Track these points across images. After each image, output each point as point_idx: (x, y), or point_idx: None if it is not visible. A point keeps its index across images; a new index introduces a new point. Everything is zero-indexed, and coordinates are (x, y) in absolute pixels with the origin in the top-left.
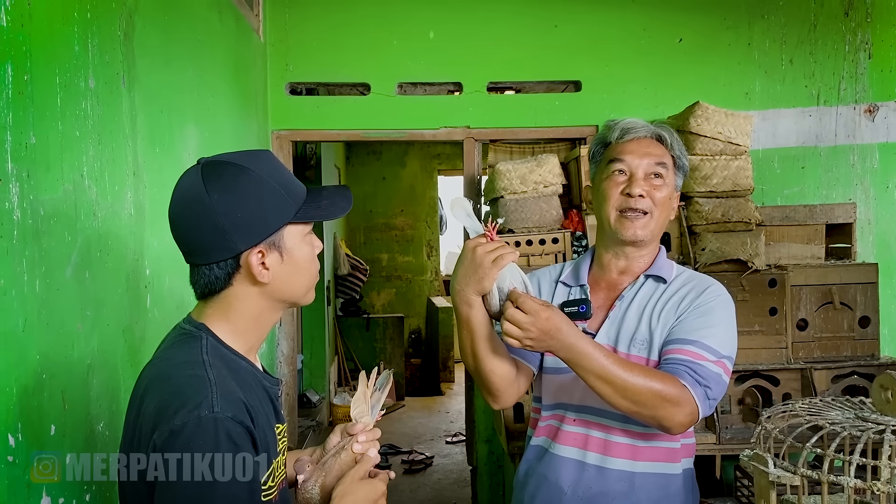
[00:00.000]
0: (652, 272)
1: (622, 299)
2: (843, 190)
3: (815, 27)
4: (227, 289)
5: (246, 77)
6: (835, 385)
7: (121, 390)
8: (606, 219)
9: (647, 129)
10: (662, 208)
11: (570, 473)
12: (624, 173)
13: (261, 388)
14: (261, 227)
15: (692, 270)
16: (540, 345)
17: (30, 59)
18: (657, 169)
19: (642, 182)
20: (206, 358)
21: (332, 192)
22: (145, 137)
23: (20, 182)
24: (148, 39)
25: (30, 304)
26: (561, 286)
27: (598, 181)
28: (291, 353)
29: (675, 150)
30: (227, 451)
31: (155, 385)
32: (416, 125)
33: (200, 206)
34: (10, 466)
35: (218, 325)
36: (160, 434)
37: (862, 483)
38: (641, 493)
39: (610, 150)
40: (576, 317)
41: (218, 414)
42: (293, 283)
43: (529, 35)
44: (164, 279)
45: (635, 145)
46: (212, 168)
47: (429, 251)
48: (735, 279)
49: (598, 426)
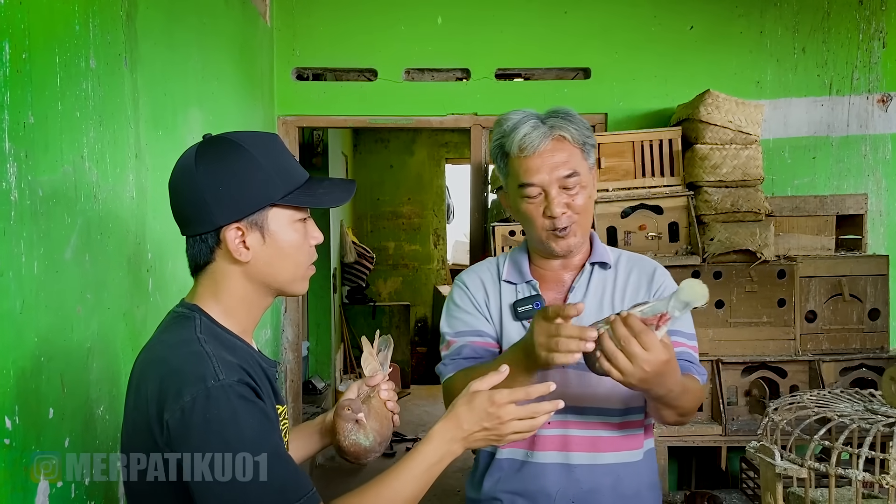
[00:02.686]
0: (595, 259)
1: (574, 291)
2: (855, 181)
3: (829, 15)
4: (211, 264)
5: (252, 61)
6: (843, 378)
7: (121, 374)
8: (538, 238)
9: (544, 135)
10: (585, 210)
11: (557, 478)
12: (539, 194)
13: (258, 368)
14: (241, 203)
15: (620, 249)
16: (642, 384)
17: (28, 38)
18: (569, 181)
19: (559, 199)
20: (200, 336)
21: (334, 182)
22: (148, 120)
23: (18, 162)
24: (151, 21)
25: (28, 286)
26: (506, 285)
27: (515, 201)
28: (296, 340)
29: (579, 139)
30: (246, 409)
31: (152, 368)
32: (424, 112)
33: (189, 177)
34: (8, 449)
35: (209, 304)
36: (171, 414)
37: (870, 476)
38: (627, 482)
39: (514, 165)
40: (531, 314)
41: (224, 381)
42: (275, 268)
43: (539, 21)
44: (167, 263)
45: (539, 160)
46: (209, 142)
47: (436, 240)
48: (744, 270)
49: (577, 424)
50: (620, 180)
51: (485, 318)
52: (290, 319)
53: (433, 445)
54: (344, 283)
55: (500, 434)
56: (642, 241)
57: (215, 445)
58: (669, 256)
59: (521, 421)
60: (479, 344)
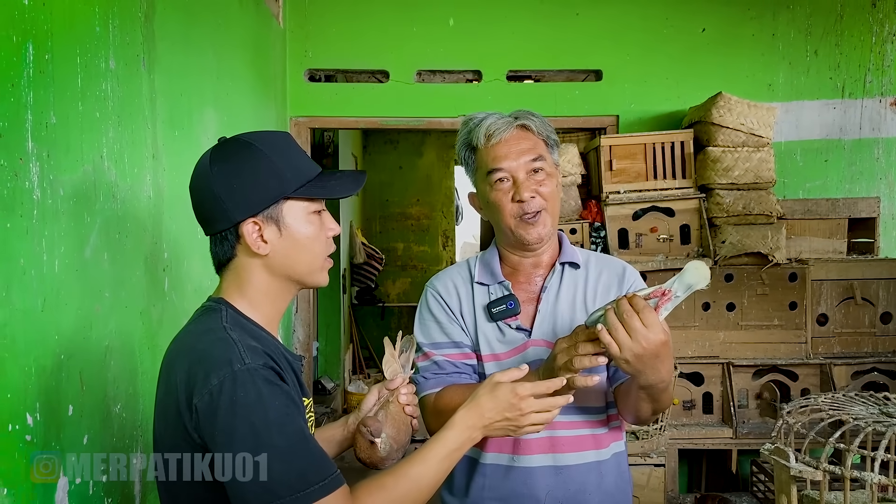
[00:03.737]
0: (565, 259)
1: (547, 291)
2: (867, 184)
3: (842, 18)
4: (234, 260)
5: (265, 62)
6: (854, 381)
7: (138, 372)
8: (507, 227)
9: (509, 123)
10: (553, 199)
11: (545, 481)
12: (507, 180)
13: (283, 358)
14: (256, 198)
15: (587, 250)
16: (637, 362)
17: (51, 39)
18: (536, 164)
19: (527, 183)
20: (225, 325)
21: (345, 174)
22: (165, 120)
23: (40, 162)
24: (168, 22)
25: (49, 285)
26: (479, 286)
27: (484, 192)
28: (307, 340)
29: (542, 132)
30: (272, 392)
31: (181, 356)
32: (435, 113)
33: (205, 178)
34: (30, 445)
35: (234, 298)
36: (200, 398)
37: (886, 479)
38: (608, 478)
39: (481, 156)
40: (506, 314)
41: (250, 365)
42: (294, 259)
43: (550, 23)
44: (183, 263)
45: (505, 147)
46: (222, 144)
47: (444, 241)
48: (755, 272)
49: (562, 425)
50: (632, 182)
51: (459, 326)
52: (301, 319)
53: (455, 432)
54: (353, 283)
55: (518, 425)
56: (654, 243)
57: (241, 427)
58: (681, 259)
59: (539, 413)
60: (457, 357)
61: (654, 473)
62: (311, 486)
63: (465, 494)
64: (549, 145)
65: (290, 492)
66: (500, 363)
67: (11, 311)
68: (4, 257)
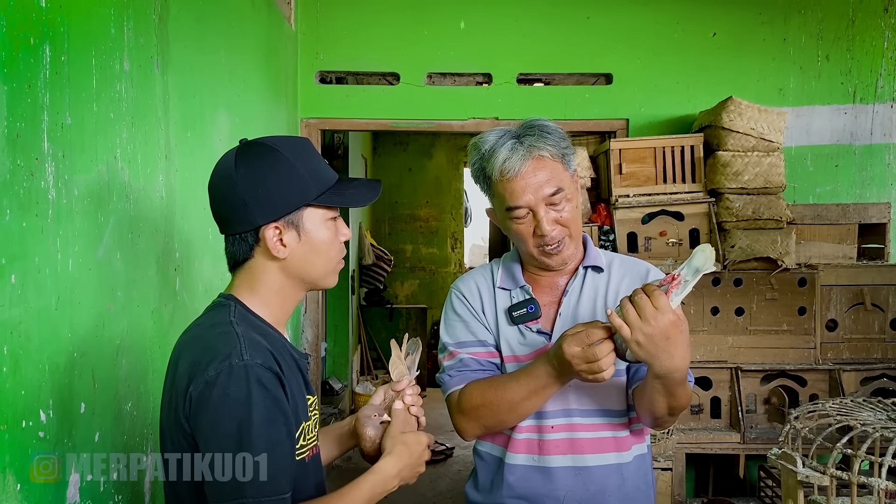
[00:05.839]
0: (589, 263)
1: (569, 294)
2: (878, 190)
3: (853, 23)
4: (250, 260)
5: (277, 65)
6: (863, 387)
7: (149, 371)
8: (530, 255)
9: (523, 157)
10: (575, 220)
11: (565, 481)
12: (527, 214)
13: (289, 356)
14: (279, 204)
15: (612, 252)
16: (649, 344)
17: (67, 41)
18: (555, 198)
19: (548, 217)
20: (232, 319)
21: (362, 183)
22: (178, 121)
23: (56, 162)
24: (182, 24)
25: (63, 283)
26: (500, 291)
27: (503, 221)
28: (315, 340)
29: (557, 153)
30: (261, 395)
31: (187, 347)
32: (445, 116)
33: (228, 180)
34: (43, 442)
35: (245, 295)
36: (195, 387)
37: (893, 485)
38: (630, 481)
39: (497, 189)
40: (526, 318)
41: (248, 361)
42: (310, 263)
43: (561, 26)
44: (194, 263)
45: (522, 182)
46: (247, 146)
47: (453, 243)
48: (764, 277)
49: (582, 426)
50: (641, 186)
51: (483, 325)
52: (309, 320)
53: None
54: (362, 284)
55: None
56: (663, 247)
57: (226, 421)
58: None
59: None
60: (482, 355)
61: (662, 477)
62: (258, 496)
63: (490, 491)
64: (565, 163)
65: (235, 494)
66: (520, 364)
67: (26, 310)
68: (20, 256)
